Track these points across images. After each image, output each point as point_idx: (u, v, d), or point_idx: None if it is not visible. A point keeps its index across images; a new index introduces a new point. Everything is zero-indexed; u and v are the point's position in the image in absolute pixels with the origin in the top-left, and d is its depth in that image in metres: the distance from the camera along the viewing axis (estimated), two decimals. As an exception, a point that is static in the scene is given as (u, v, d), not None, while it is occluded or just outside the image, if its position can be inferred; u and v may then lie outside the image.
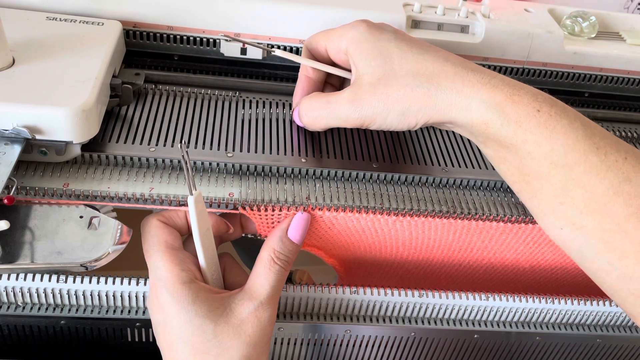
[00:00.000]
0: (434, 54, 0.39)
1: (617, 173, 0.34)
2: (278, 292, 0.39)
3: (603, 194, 0.34)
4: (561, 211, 0.35)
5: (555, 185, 0.35)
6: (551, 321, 0.48)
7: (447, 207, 0.43)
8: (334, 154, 0.45)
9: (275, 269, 0.39)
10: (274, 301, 0.38)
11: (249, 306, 0.37)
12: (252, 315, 0.37)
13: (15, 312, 0.40)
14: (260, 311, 0.37)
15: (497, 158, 0.38)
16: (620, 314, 0.48)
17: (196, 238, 0.38)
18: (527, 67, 0.55)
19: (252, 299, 0.38)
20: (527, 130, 0.35)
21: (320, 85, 0.46)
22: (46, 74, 0.40)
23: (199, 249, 0.38)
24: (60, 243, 0.39)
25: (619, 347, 0.51)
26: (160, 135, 0.43)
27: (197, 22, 0.50)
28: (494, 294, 0.46)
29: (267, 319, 0.37)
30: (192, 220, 0.38)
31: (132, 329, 0.43)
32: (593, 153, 0.35)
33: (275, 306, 0.39)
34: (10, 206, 0.39)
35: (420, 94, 0.38)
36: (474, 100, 0.37)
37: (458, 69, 0.38)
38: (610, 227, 0.34)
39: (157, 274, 0.37)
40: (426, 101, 0.38)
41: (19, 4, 0.47)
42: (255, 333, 0.37)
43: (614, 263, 0.34)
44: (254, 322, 0.37)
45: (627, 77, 0.56)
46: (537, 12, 0.56)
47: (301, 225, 0.41)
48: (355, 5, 0.51)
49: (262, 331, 0.37)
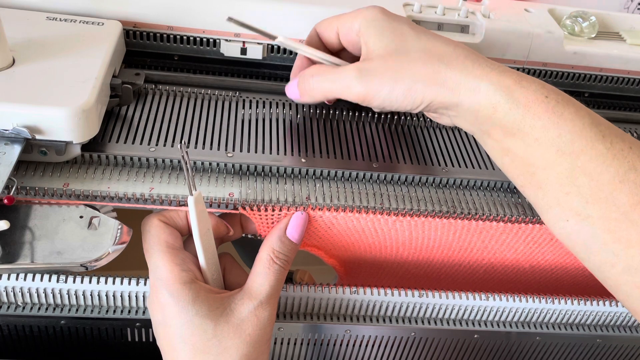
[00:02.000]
0: (446, 39, 0.40)
1: (623, 161, 0.34)
2: (277, 292, 0.39)
3: (609, 182, 0.34)
4: (566, 202, 0.35)
5: (561, 175, 0.35)
6: (551, 321, 0.48)
7: (447, 207, 0.43)
8: (334, 154, 0.45)
9: (274, 269, 0.39)
10: (273, 300, 0.38)
11: (248, 306, 0.37)
12: (252, 314, 0.37)
13: (15, 312, 0.40)
14: (260, 310, 0.37)
15: (501, 150, 0.38)
16: (620, 313, 0.48)
17: (196, 238, 0.38)
18: (527, 67, 0.55)
19: (252, 298, 0.38)
20: (535, 115, 0.35)
21: None
22: (46, 74, 0.40)
23: (199, 249, 0.38)
24: (60, 243, 0.39)
25: (619, 347, 0.51)
26: (160, 135, 0.43)
27: (197, 22, 0.50)
28: (494, 294, 0.46)
29: (266, 318, 0.37)
30: (192, 221, 0.38)
31: (132, 329, 0.43)
32: (599, 141, 0.34)
33: (274, 305, 0.39)
34: (10, 206, 0.39)
35: (430, 71, 0.38)
36: (483, 82, 0.37)
37: (468, 54, 0.39)
38: (616, 217, 0.34)
39: (158, 273, 0.37)
40: (435, 78, 0.38)
41: (19, 4, 0.47)
42: (255, 332, 0.37)
43: (619, 254, 0.34)
44: (253, 321, 0.37)
45: (627, 77, 0.56)
46: (537, 12, 0.56)
47: (299, 224, 0.41)
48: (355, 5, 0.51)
49: (262, 330, 0.37)
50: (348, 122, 0.49)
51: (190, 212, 0.38)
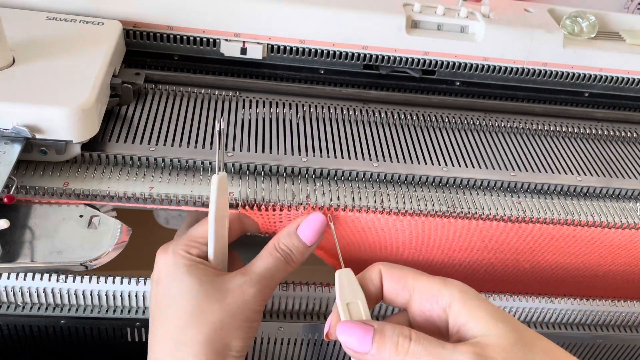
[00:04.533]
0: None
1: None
2: (271, 278, 0.38)
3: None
4: None
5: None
6: (551, 321, 0.48)
7: (447, 207, 0.43)
8: (334, 154, 0.45)
9: (274, 256, 0.39)
10: (265, 281, 0.38)
11: (238, 280, 0.37)
12: (238, 287, 0.37)
13: (15, 312, 0.40)
14: (246, 286, 0.37)
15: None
16: (620, 313, 0.48)
17: (211, 218, 0.37)
18: (527, 67, 0.55)
19: (244, 274, 0.38)
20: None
21: None
22: (46, 73, 0.40)
23: (211, 231, 0.38)
24: (60, 242, 0.39)
25: (619, 347, 0.51)
26: (160, 135, 0.43)
27: (197, 22, 0.50)
28: (494, 294, 0.46)
29: (251, 295, 0.37)
30: (212, 200, 0.37)
31: (132, 329, 0.43)
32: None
33: (265, 288, 0.38)
34: (10, 205, 0.39)
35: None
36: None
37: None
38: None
39: (167, 245, 0.38)
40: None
41: (19, 4, 0.47)
42: (236, 303, 0.37)
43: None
44: (237, 292, 0.37)
45: (627, 77, 0.56)
46: (537, 12, 0.56)
47: (313, 225, 0.40)
48: (356, 5, 0.51)
49: (244, 304, 0.37)
50: (348, 122, 0.49)
51: (211, 190, 0.37)
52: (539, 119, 0.54)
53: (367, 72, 0.54)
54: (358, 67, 0.54)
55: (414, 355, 0.31)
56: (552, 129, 0.53)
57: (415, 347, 0.31)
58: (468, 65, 0.54)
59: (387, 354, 0.31)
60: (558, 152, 0.50)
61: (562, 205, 0.45)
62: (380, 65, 0.53)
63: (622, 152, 0.52)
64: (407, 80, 0.55)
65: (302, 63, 0.53)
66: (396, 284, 0.35)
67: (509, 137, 0.51)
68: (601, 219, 0.45)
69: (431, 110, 0.52)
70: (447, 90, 0.55)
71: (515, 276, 0.53)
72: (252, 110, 0.48)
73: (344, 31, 0.51)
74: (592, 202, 0.46)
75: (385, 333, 0.32)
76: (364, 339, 0.32)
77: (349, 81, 0.54)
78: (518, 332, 0.32)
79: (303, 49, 0.52)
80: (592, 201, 0.46)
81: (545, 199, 0.46)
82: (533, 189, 0.46)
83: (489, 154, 0.48)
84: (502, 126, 0.52)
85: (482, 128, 0.51)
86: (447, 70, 0.54)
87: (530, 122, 0.53)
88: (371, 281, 0.35)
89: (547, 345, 0.32)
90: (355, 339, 0.32)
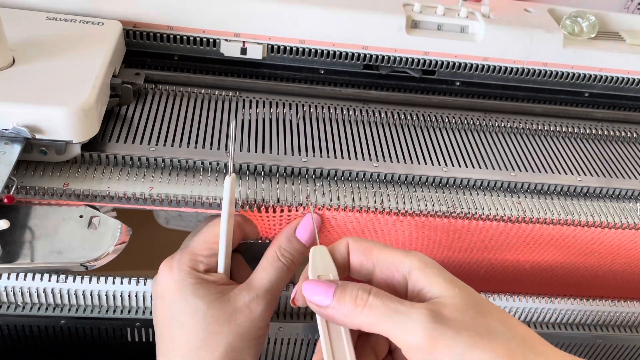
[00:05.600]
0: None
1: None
2: (277, 289, 0.39)
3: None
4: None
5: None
6: (551, 321, 0.48)
7: (447, 207, 0.43)
8: (334, 154, 0.45)
9: (277, 265, 0.39)
10: (270, 296, 0.38)
11: (244, 297, 0.37)
12: (246, 306, 0.37)
13: (15, 312, 0.40)
14: (255, 304, 0.37)
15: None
16: (620, 313, 0.48)
17: (223, 218, 0.38)
18: (527, 67, 0.55)
19: (249, 290, 0.38)
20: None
21: None
22: (46, 73, 0.40)
23: (223, 231, 0.38)
24: (60, 242, 0.39)
25: (619, 347, 0.51)
26: (160, 135, 0.43)
27: (197, 22, 0.50)
28: (494, 294, 0.46)
29: (259, 312, 0.37)
30: (224, 200, 0.37)
31: (132, 329, 0.43)
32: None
33: (271, 302, 0.38)
34: (10, 205, 0.39)
35: (514, 346, 0.31)
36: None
37: (540, 337, 0.33)
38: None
39: (170, 258, 0.38)
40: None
41: (19, 4, 0.47)
42: (246, 324, 0.37)
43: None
44: (245, 312, 0.37)
45: (627, 77, 0.56)
46: (537, 12, 0.56)
47: (310, 226, 0.40)
48: (356, 5, 0.51)
49: (253, 324, 0.37)
50: (348, 122, 0.49)
51: (224, 191, 0.37)
52: (539, 119, 0.54)
53: (367, 72, 0.54)
54: (358, 67, 0.54)
55: (372, 308, 0.31)
56: (552, 129, 0.53)
57: (373, 300, 0.32)
58: (468, 65, 0.54)
59: (346, 306, 0.32)
60: (558, 152, 0.50)
61: (562, 206, 0.45)
62: (380, 65, 0.53)
63: (622, 152, 0.52)
64: (407, 80, 0.55)
65: (302, 63, 0.53)
66: (362, 255, 0.36)
67: (509, 137, 0.51)
68: (601, 219, 0.45)
69: (431, 111, 0.52)
70: (447, 90, 0.55)
71: (515, 276, 0.53)
72: (252, 110, 0.48)
73: (344, 31, 0.51)
74: (592, 202, 0.46)
75: (346, 288, 0.33)
76: (327, 293, 0.33)
77: (349, 81, 0.54)
78: (473, 297, 0.33)
79: (303, 49, 0.52)
80: (592, 201, 0.46)
81: (545, 199, 0.46)
82: (533, 189, 0.46)
83: (489, 154, 0.48)
84: (502, 126, 0.52)
85: (482, 128, 0.51)
86: (447, 70, 0.54)
87: (530, 122, 0.53)
88: (339, 253, 0.36)
89: (501, 313, 0.33)
90: (318, 295, 0.33)
